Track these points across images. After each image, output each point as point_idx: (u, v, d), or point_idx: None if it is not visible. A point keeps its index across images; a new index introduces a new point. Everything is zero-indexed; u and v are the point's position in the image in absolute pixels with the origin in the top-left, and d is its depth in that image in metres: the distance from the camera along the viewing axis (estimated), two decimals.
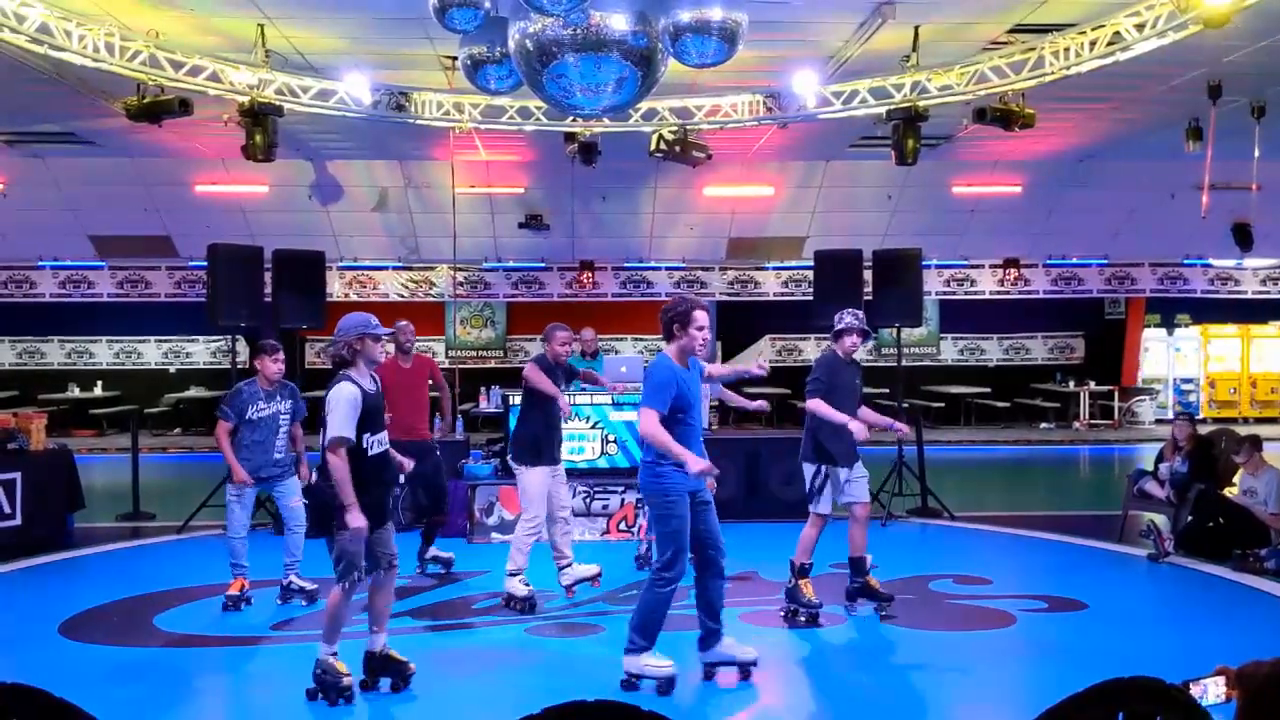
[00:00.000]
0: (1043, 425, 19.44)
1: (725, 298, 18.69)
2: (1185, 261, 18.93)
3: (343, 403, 5.13)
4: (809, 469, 6.71)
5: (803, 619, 6.59)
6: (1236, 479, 8.72)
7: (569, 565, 7.19)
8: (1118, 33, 8.57)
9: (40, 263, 17.82)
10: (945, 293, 19.25)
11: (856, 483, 6.74)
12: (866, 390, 20.89)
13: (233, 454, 6.98)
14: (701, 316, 5.41)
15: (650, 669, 5.28)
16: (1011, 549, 9.06)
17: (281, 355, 7.19)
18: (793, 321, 18.90)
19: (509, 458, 7.54)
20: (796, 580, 6.68)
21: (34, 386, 19.07)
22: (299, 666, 5.67)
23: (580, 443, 9.66)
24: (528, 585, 6.93)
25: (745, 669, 5.46)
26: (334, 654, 5.19)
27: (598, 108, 7.72)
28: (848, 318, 6.83)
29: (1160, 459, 9.18)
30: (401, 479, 5.69)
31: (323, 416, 5.19)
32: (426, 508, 8.11)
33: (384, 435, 5.36)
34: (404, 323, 8.22)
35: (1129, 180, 15.80)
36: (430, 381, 8.39)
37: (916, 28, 9.23)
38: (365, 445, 5.19)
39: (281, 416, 7.10)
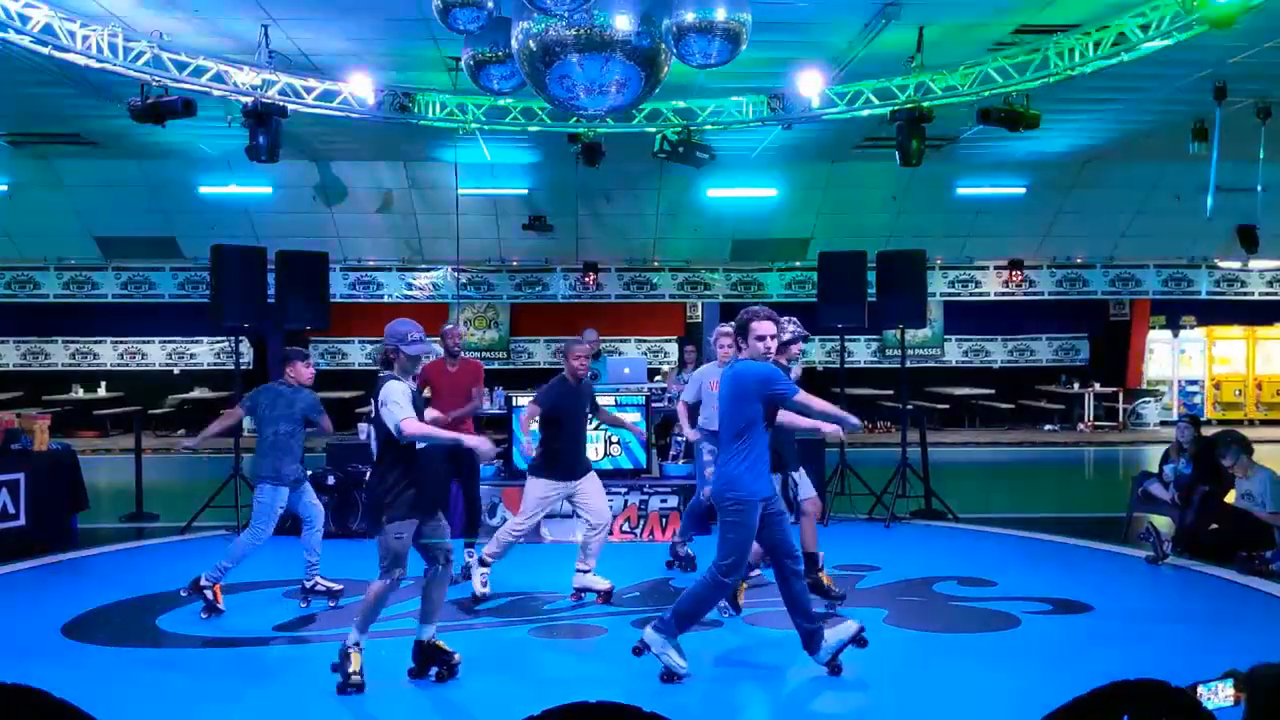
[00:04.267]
0: (1047, 427, 19.40)
1: (729, 299, 18.68)
2: (1190, 262, 18.91)
3: (395, 393, 5.25)
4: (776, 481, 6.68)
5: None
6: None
7: (587, 572, 7.18)
8: (1123, 33, 8.55)
9: (45, 264, 17.86)
10: (950, 294, 19.24)
11: (804, 481, 7.07)
12: (873, 392, 20.87)
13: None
14: (759, 326, 5.42)
15: (668, 658, 5.38)
16: (1016, 551, 9.03)
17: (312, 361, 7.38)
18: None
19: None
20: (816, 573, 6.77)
21: (38, 387, 19.09)
22: (302, 667, 5.67)
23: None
24: (486, 585, 7.13)
25: (859, 640, 5.57)
26: (358, 645, 5.27)
27: (601, 108, 7.73)
28: (791, 327, 6.87)
29: (1165, 460, 9.15)
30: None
31: (373, 414, 5.40)
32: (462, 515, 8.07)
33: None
34: (450, 326, 8.20)
35: (1134, 182, 15.79)
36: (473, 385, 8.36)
37: (921, 28, 9.22)
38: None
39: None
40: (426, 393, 7.88)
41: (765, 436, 5.39)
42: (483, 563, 7.13)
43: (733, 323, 5.65)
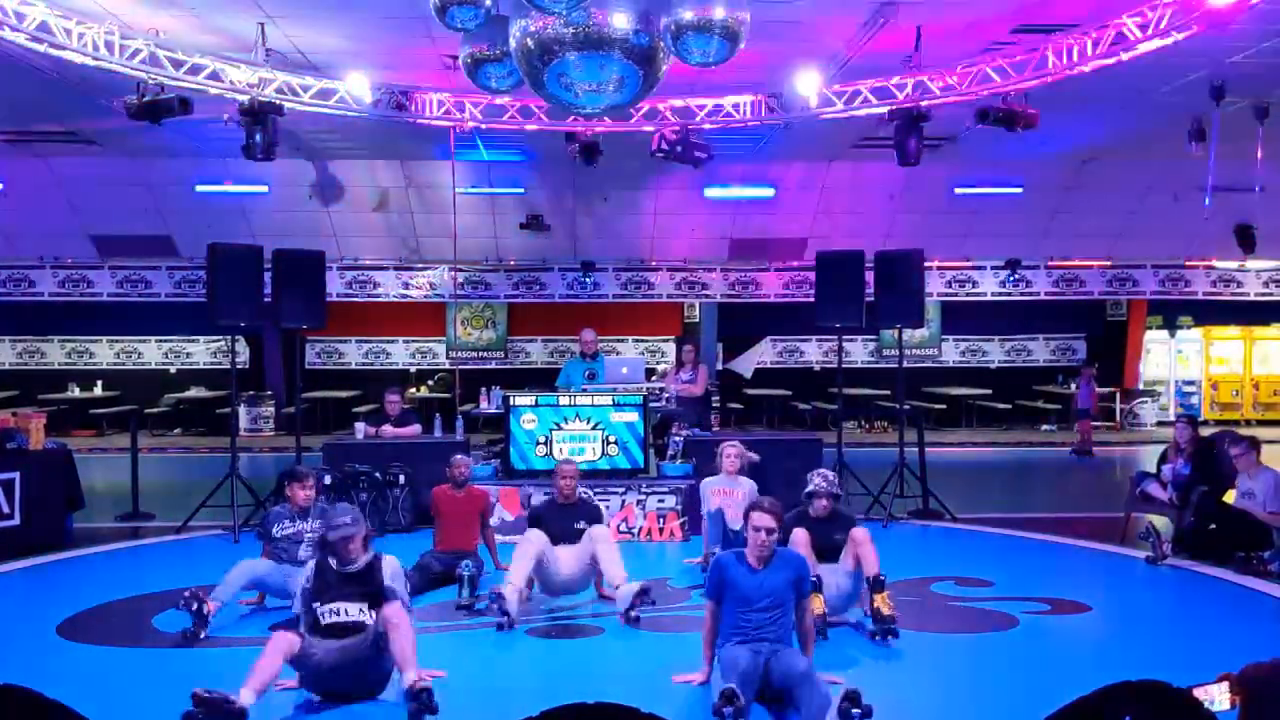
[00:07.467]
0: (1044, 427, 19.42)
1: (726, 299, 18.67)
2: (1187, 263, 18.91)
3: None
4: None
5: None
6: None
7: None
8: (1121, 33, 8.55)
9: (41, 262, 17.81)
10: (947, 294, 19.24)
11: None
12: (870, 392, 20.76)
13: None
14: (757, 518, 5.24)
15: None
16: (1013, 551, 9.02)
17: (311, 483, 7.17)
18: (794, 323, 18.89)
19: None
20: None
21: (34, 386, 19.08)
22: None
23: (581, 444, 9.64)
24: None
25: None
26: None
27: (599, 107, 7.70)
28: (815, 479, 6.59)
29: (1163, 460, 9.15)
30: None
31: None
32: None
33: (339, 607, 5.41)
34: (459, 456, 8.16)
35: (1131, 181, 15.79)
36: (481, 512, 8.13)
37: (919, 27, 9.21)
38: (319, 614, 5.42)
39: (306, 534, 6.99)
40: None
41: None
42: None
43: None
